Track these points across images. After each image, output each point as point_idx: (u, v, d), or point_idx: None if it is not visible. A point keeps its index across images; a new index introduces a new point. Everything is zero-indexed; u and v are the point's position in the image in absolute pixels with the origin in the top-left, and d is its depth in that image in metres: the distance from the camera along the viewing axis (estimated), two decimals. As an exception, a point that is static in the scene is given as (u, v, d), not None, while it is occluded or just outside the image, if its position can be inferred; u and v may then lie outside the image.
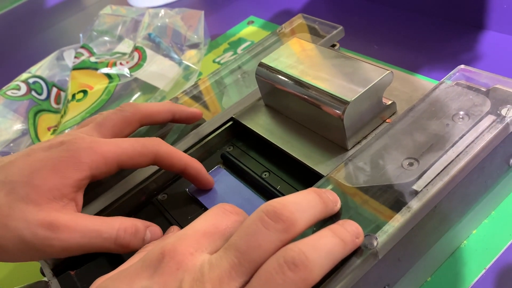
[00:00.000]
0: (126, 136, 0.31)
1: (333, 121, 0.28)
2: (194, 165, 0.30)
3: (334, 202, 0.23)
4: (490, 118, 0.27)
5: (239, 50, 0.57)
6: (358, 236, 0.21)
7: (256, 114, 0.34)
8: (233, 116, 0.35)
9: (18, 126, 0.48)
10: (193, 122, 0.34)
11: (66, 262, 0.31)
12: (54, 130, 0.49)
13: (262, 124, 0.33)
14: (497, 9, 0.45)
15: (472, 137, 0.26)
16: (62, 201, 0.26)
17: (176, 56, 0.52)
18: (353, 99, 0.27)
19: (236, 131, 0.35)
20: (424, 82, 0.33)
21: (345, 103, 0.27)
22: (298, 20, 0.42)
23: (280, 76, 0.31)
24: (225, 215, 0.21)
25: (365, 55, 0.49)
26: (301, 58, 0.32)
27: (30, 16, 0.95)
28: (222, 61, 0.57)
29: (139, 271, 0.20)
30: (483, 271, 0.28)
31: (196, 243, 0.20)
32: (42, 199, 0.25)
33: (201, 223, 0.21)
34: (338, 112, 0.27)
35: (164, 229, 0.29)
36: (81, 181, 0.26)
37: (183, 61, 0.52)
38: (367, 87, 0.27)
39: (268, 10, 0.64)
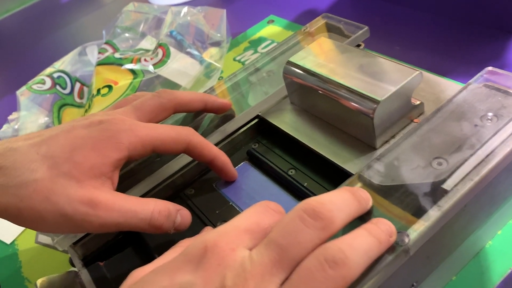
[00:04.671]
0: (160, 121, 0.32)
1: (363, 119, 0.28)
2: (222, 157, 0.31)
3: (367, 200, 0.24)
4: (519, 120, 0.27)
5: (259, 49, 0.58)
6: (392, 235, 0.22)
7: (281, 112, 0.35)
8: (259, 114, 0.35)
9: (43, 119, 0.49)
10: (222, 112, 0.35)
11: (95, 253, 0.32)
12: (78, 124, 0.50)
13: (288, 122, 0.34)
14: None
15: (502, 138, 0.26)
16: (101, 179, 0.27)
17: (198, 54, 0.52)
18: (383, 98, 0.27)
19: (262, 129, 0.36)
20: (450, 83, 0.33)
21: (375, 102, 0.27)
22: (322, 20, 0.42)
23: (308, 75, 0.31)
24: (267, 212, 0.22)
25: (388, 56, 0.49)
26: (329, 57, 0.32)
27: (48, 12, 0.97)
28: (242, 59, 0.57)
29: (181, 265, 0.20)
30: (508, 271, 0.28)
31: (237, 239, 0.20)
32: (83, 176, 0.26)
33: (243, 220, 0.21)
34: (369, 111, 0.28)
35: (191, 224, 0.29)
36: (119, 160, 0.27)
37: (205, 59, 0.52)
38: (398, 87, 0.28)
39: (288, 9, 0.64)
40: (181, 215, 0.28)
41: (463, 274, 0.29)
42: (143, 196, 0.32)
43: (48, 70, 0.53)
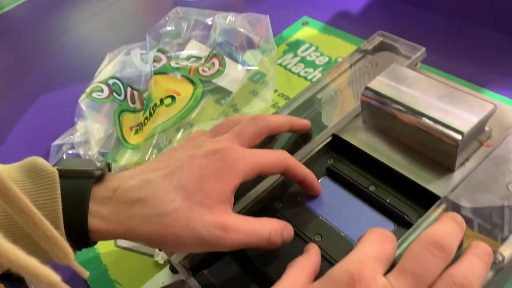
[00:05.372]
0: (257, 145, 0.36)
1: (447, 147, 0.32)
2: (311, 176, 0.36)
3: (464, 224, 0.28)
4: None
5: (299, 52, 0.61)
6: (491, 256, 0.26)
7: (356, 131, 0.39)
8: (334, 132, 0.39)
9: (106, 126, 0.51)
10: (304, 132, 0.39)
11: (201, 263, 0.36)
12: (137, 130, 0.53)
13: (363, 141, 0.38)
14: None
15: None
16: (225, 204, 0.30)
17: (246, 61, 0.55)
18: (468, 130, 0.31)
19: (335, 146, 0.40)
20: (508, 107, 0.37)
21: (461, 133, 0.31)
22: (378, 38, 0.45)
23: (391, 102, 0.35)
24: (386, 241, 0.26)
25: (426, 64, 0.53)
26: (407, 85, 0.36)
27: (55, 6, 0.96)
28: (284, 63, 0.60)
29: None
30: None
31: (374, 267, 0.24)
32: (212, 203, 0.30)
33: (370, 248, 0.26)
34: (454, 141, 0.32)
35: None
36: (237, 186, 0.31)
37: (253, 66, 0.55)
38: (479, 119, 0.32)
39: (320, 11, 0.67)
40: (287, 230, 0.32)
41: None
42: (241, 210, 0.36)
43: (101, 76, 0.55)
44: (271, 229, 0.30)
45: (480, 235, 0.29)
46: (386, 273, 0.25)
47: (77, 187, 0.28)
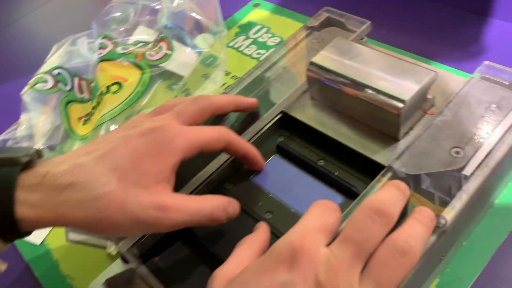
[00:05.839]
0: (199, 125, 0.35)
1: (390, 116, 0.32)
2: (253, 150, 0.35)
3: (407, 190, 0.28)
4: (518, 109, 0.32)
5: (251, 34, 0.60)
6: (433, 220, 0.27)
7: (304, 107, 0.38)
8: (283, 110, 0.39)
9: (52, 118, 0.49)
10: (250, 110, 0.39)
11: (150, 250, 0.35)
12: (85, 120, 0.51)
13: (312, 117, 0.37)
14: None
15: (505, 127, 0.31)
16: (163, 184, 0.29)
17: (196, 44, 0.54)
18: (409, 98, 0.32)
19: (284, 123, 0.39)
20: (451, 75, 0.37)
21: (402, 101, 0.32)
22: (324, 14, 0.45)
23: (335, 75, 0.35)
24: (329, 212, 0.26)
25: (374, 39, 0.53)
26: (350, 58, 0.36)
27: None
28: (236, 45, 0.59)
29: (275, 265, 0.23)
30: (508, 233, 0.34)
31: (317, 238, 0.24)
32: (149, 183, 0.28)
33: (313, 220, 0.25)
34: (396, 110, 0.32)
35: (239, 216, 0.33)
36: (176, 164, 0.30)
37: (201, 48, 0.54)
38: (419, 87, 0.32)
39: (271, -9, 0.66)
40: (232, 206, 0.31)
41: (472, 238, 0.34)
42: (192, 192, 0.35)
43: (46, 67, 0.53)
44: (213, 206, 0.30)
45: (424, 200, 0.29)
46: (329, 244, 0.25)
47: (1, 175, 0.27)
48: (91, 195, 0.27)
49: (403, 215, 0.27)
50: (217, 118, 0.38)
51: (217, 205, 0.30)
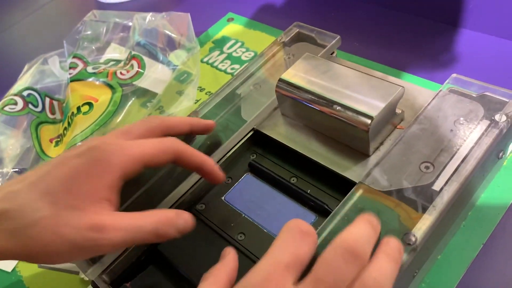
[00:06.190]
0: None
1: (358, 133, 0.32)
2: (209, 162, 0.33)
3: (379, 226, 0.27)
4: (485, 123, 0.32)
5: (225, 49, 0.60)
6: (401, 251, 0.26)
7: (275, 124, 0.38)
8: (255, 127, 0.38)
9: (21, 141, 0.48)
10: (208, 133, 0.37)
11: (122, 276, 0.34)
12: (57, 142, 0.50)
13: (283, 134, 0.37)
14: (472, 9, 0.51)
15: (473, 140, 0.31)
16: (101, 203, 0.28)
17: (169, 60, 0.53)
18: (376, 113, 0.31)
19: (256, 140, 0.39)
20: (420, 89, 0.38)
21: (370, 117, 0.31)
22: (295, 29, 0.45)
23: (303, 92, 0.35)
24: (302, 239, 0.25)
25: (346, 52, 0.53)
26: (318, 74, 0.36)
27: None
28: (210, 61, 0.59)
29: None
30: (481, 246, 0.34)
31: (283, 278, 0.23)
32: (83, 203, 0.27)
33: (281, 253, 0.24)
34: (364, 126, 0.32)
35: (207, 237, 0.32)
36: (113, 181, 0.29)
37: (175, 64, 0.54)
38: (387, 103, 0.32)
39: (245, 6, 0.66)
40: (183, 219, 0.29)
41: (446, 252, 0.34)
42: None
43: (16, 88, 0.52)
44: (157, 221, 0.28)
45: (393, 219, 0.29)
46: (302, 277, 0.24)
47: None
48: (23, 223, 0.26)
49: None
50: (186, 139, 0.38)
51: (162, 220, 0.28)
